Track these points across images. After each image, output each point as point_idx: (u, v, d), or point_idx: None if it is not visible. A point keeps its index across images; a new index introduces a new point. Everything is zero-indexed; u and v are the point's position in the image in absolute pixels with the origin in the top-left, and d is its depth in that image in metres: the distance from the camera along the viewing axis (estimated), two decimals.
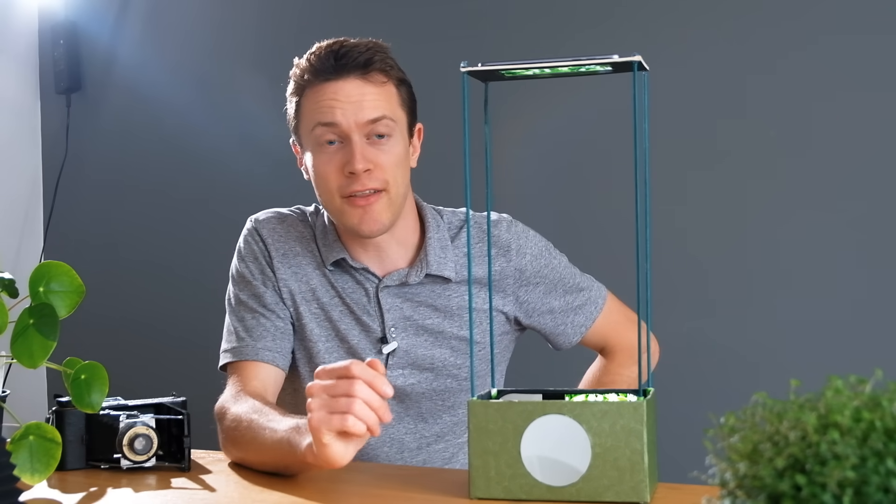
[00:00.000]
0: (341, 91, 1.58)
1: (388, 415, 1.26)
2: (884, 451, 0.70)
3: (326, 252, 1.67)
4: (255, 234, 1.70)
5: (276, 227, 1.70)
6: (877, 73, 2.35)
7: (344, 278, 1.67)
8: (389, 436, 1.67)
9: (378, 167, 1.58)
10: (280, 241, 1.69)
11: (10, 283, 1.27)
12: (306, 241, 1.69)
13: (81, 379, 1.30)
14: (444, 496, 1.25)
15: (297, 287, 1.67)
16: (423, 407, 1.68)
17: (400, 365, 1.66)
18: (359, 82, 1.59)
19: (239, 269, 1.70)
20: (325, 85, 1.59)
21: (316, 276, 1.68)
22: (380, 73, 1.60)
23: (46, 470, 1.27)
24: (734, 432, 0.78)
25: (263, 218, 1.72)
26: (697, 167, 2.52)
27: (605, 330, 1.76)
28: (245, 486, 1.36)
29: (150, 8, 3.24)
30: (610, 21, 2.61)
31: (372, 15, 2.91)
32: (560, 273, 1.73)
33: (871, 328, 2.34)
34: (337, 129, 1.58)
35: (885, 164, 2.34)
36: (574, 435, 1.18)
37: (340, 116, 1.58)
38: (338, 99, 1.58)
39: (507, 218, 1.73)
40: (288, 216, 1.72)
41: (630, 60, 1.19)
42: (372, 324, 1.66)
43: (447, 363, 1.67)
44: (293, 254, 1.68)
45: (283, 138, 1.74)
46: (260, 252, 1.69)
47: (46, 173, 3.37)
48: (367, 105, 1.58)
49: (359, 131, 1.58)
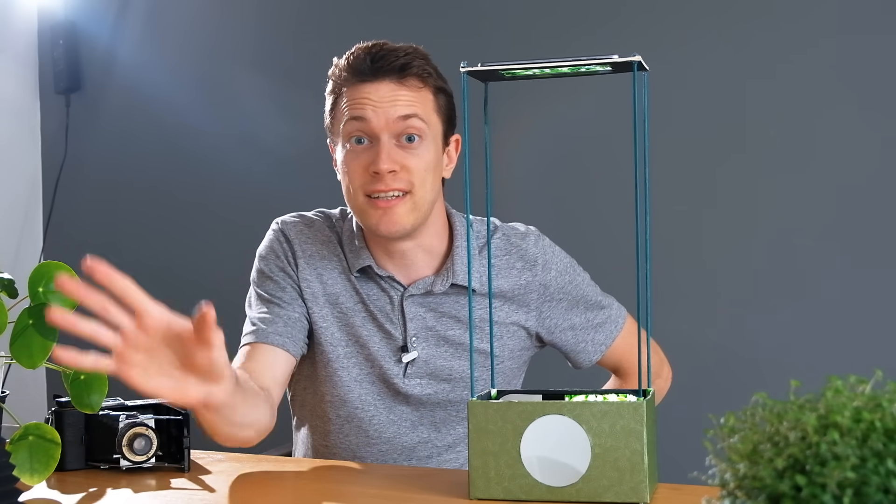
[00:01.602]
0: (375, 92, 1.59)
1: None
2: (884, 451, 0.70)
3: (353, 258, 1.66)
4: (282, 235, 1.69)
5: (303, 230, 1.69)
6: (877, 73, 2.35)
7: (369, 285, 1.67)
8: (402, 443, 1.67)
9: (405, 169, 1.58)
10: (307, 244, 1.68)
11: (10, 284, 1.27)
12: (332, 245, 1.69)
13: (81, 379, 1.30)
14: (444, 496, 1.25)
15: (321, 289, 1.66)
16: (437, 416, 1.67)
17: (418, 374, 1.65)
18: (393, 85, 1.59)
19: (259, 267, 1.70)
20: (360, 85, 1.60)
21: (340, 281, 1.67)
22: (416, 78, 1.60)
23: (46, 470, 1.27)
24: (734, 433, 0.78)
25: (290, 220, 1.71)
26: (697, 167, 2.52)
27: (622, 349, 1.75)
28: (245, 487, 1.36)
29: (150, 8, 3.24)
30: (610, 21, 2.61)
31: (371, 15, 2.90)
32: (583, 290, 1.72)
33: (870, 328, 2.34)
34: (366, 125, 1.58)
35: (885, 165, 2.34)
36: (574, 435, 1.18)
37: (371, 113, 1.58)
38: (370, 98, 1.59)
39: (534, 231, 1.72)
40: (315, 220, 1.71)
41: (630, 60, 1.19)
42: (394, 332, 1.65)
43: (465, 375, 1.66)
44: (319, 257, 1.67)
45: (283, 138, 1.74)
46: (283, 253, 1.68)
47: (46, 173, 3.37)
48: (400, 104, 1.58)
49: (388, 131, 1.58)
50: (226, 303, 1.82)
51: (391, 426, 1.66)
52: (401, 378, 1.65)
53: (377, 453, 1.66)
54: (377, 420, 1.66)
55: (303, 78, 2.89)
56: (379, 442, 1.66)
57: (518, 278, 1.67)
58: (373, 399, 1.66)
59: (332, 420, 1.68)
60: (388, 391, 1.66)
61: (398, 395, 1.65)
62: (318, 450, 1.71)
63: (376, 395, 1.66)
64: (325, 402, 1.68)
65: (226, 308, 1.78)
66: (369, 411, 1.66)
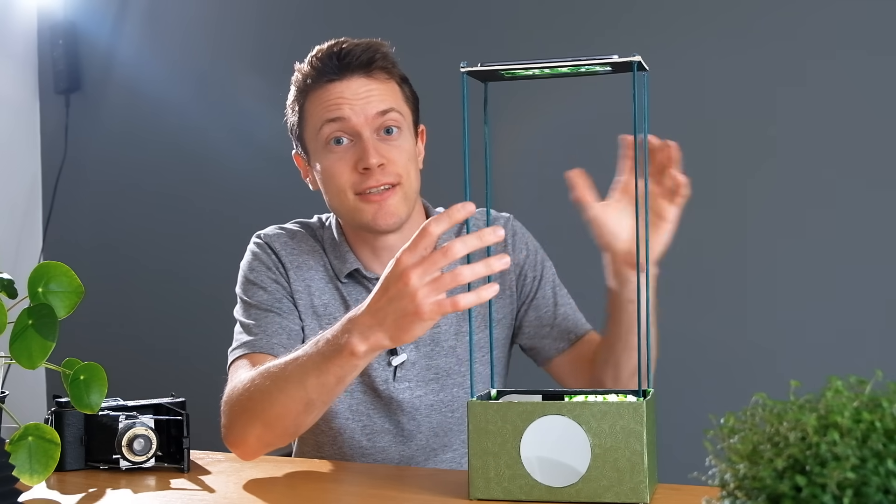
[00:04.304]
0: (347, 89, 1.58)
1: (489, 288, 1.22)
2: (884, 451, 0.70)
3: (339, 264, 1.65)
4: (267, 248, 1.66)
5: (287, 241, 1.67)
6: (878, 73, 2.35)
7: (357, 290, 1.65)
8: (398, 450, 1.65)
9: (391, 162, 1.57)
10: (293, 255, 1.66)
11: (9, 284, 1.27)
12: (317, 254, 1.67)
13: (80, 379, 1.30)
14: (443, 497, 1.25)
15: (309, 301, 1.64)
16: (431, 418, 1.66)
17: (407, 378, 1.64)
18: (363, 80, 1.59)
19: (249, 278, 1.65)
20: (329, 86, 1.59)
21: (328, 290, 1.65)
22: (382, 70, 1.60)
23: (45, 471, 1.27)
24: (734, 433, 0.78)
25: (273, 233, 1.69)
26: (697, 167, 2.51)
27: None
28: (245, 487, 1.36)
29: (150, 8, 3.24)
30: (610, 21, 2.61)
31: (370, 15, 2.90)
32: (552, 274, 1.74)
33: (870, 329, 2.34)
34: (346, 124, 1.57)
35: (885, 165, 2.34)
36: (574, 436, 1.18)
37: (349, 111, 1.57)
38: (344, 96, 1.58)
39: (505, 216, 1.74)
40: (296, 232, 1.69)
41: (630, 60, 1.19)
42: None
43: (452, 372, 1.66)
44: (306, 267, 1.66)
45: (283, 137, 1.73)
46: (273, 264, 1.65)
47: (45, 173, 3.37)
48: (374, 99, 1.58)
49: (368, 126, 1.57)
50: (224, 302, 1.83)
51: (385, 434, 1.65)
52: (390, 382, 1.63)
53: (372, 462, 1.65)
54: (370, 429, 1.65)
55: None
56: (374, 451, 1.65)
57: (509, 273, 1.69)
58: (364, 408, 1.64)
59: (325, 432, 1.67)
60: (378, 399, 1.64)
61: (390, 401, 1.64)
62: None
63: (368, 405, 1.65)
64: None
65: (225, 308, 1.78)
66: (361, 421, 1.65)
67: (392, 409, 1.64)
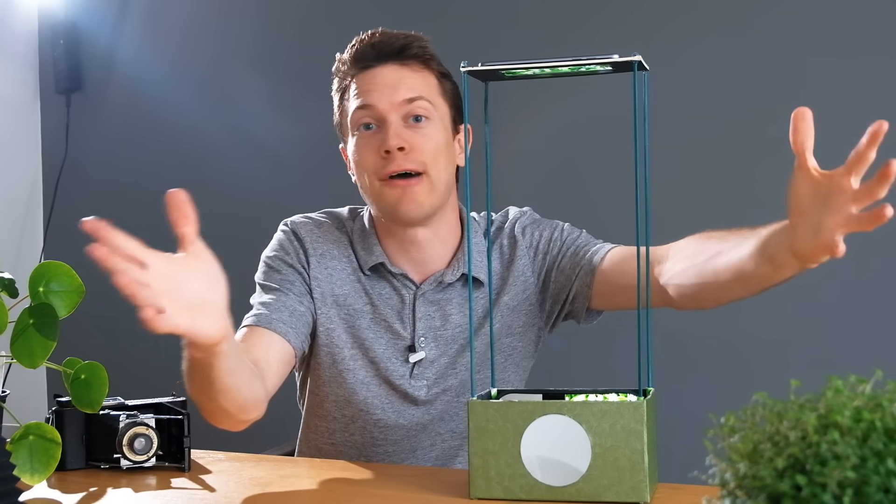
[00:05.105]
0: (378, 76, 1.60)
1: None
2: (884, 451, 0.70)
3: (365, 256, 1.66)
4: (293, 235, 1.68)
5: (313, 230, 1.68)
6: (878, 73, 2.35)
7: (381, 284, 1.66)
8: (410, 444, 1.66)
9: (415, 149, 1.57)
10: (318, 243, 1.67)
11: (10, 283, 1.27)
12: (343, 245, 1.68)
13: (81, 379, 1.30)
14: (444, 496, 1.25)
15: (330, 290, 1.65)
16: (445, 416, 1.66)
17: (425, 375, 1.65)
18: (395, 67, 1.60)
19: (268, 264, 1.67)
20: (363, 73, 1.61)
21: (350, 282, 1.66)
22: (417, 60, 1.61)
23: (46, 470, 1.27)
24: (734, 432, 0.78)
25: (300, 220, 1.70)
26: (697, 167, 2.52)
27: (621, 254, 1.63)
28: (245, 487, 1.36)
29: (150, 8, 3.24)
30: (610, 21, 2.61)
31: (371, 14, 2.90)
32: (572, 235, 1.68)
33: (871, 328, 2.34)
34: (372, 111, 1.58)
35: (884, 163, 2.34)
36: (574, 435, 1.18)
37: (376, 98, 1.58)
38: (374, 83, 1.59)
39: (516, 210, 1.74)
40: (323, 222, 1.70)
41: (630, 60, 1.19)
42: (403, 331, 1.64)
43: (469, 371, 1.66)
44: (330, 256, 1.67)
45: (284, 137, 1.73)
46: (294, 251, 1.66)
47: (46, 173, 3.37)
48: (403, 87, 1.59)
49: (395, 112, 1.58)
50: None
51: (398, 429, 1.65)
52: (407, 379, 1.64)
53: (383, 454, 1.66)
54: (383, 422, 1.65)
55: (302, 77, 2.89)
56: (385, 443, 1.66)
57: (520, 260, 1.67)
58: (379, 402, 1.65)
59: (338, 419, 1.67)
60: (394, 393, 1.65)
61: (406, 396, 1.65)
62: (323, 448, 1.70)
63: (383, 398, 1.65)
64: (329, 401, 1.67)
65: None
66: (375, 413, 1.65)
67: (407, 403, 1.65)
